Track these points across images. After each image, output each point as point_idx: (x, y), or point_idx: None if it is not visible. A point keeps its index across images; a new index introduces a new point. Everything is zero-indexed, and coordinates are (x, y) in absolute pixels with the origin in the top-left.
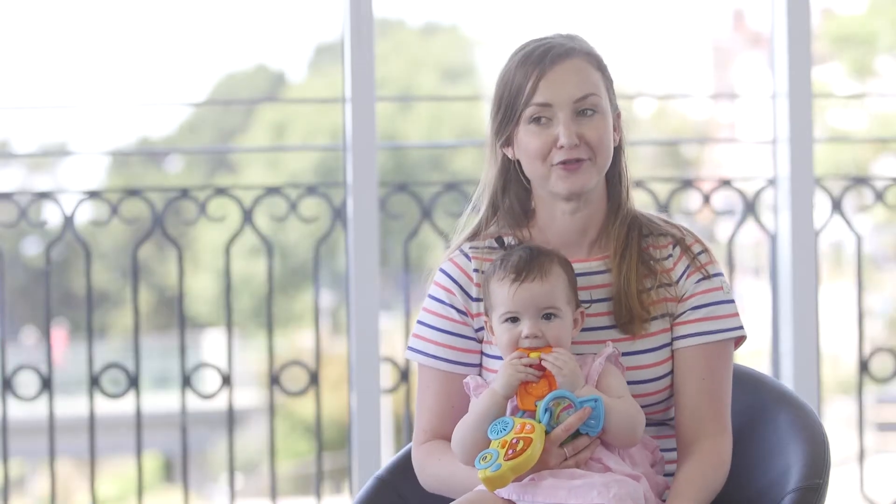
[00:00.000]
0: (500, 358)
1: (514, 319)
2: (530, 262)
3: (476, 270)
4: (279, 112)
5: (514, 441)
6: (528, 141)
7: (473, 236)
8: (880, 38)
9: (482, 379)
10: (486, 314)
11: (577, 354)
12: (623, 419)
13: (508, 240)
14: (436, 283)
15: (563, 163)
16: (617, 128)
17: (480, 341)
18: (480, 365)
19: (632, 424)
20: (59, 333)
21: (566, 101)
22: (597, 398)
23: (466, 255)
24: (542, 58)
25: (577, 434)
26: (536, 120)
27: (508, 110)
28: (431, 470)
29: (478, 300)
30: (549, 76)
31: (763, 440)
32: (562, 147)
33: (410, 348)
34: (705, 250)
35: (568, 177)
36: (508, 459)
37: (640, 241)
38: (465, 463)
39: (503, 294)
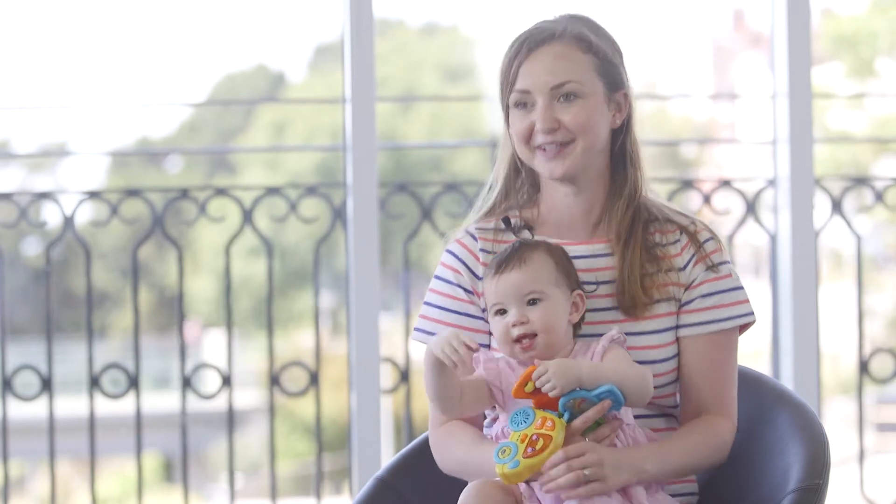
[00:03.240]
0: None
1: (503, 311)
2: (511, 254)
3: (483, 251)
4: (279, 112)
5: (534, 438)
6: (513, 124)
7: (487, 216)
8: (880, 38)
9: (492, 353)
10: (488, 314)
11: (582, 337)
12: (634, 385)
13: (515, 220)
14: (442, 264)
15: (545, 148)
16: (622, 108)
17: (487, 321)
18: (489, 346)
19: (643, 387)
20: (193, 328)
21: (542, 87)
22: (610, 388)
23: (473, 236)
24: (522, 45)
25: (597, 424)
26: (520, 105)
27: (501, 96)
28: (452, 453)
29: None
30: (527, 63)
31: (763, 440)
32: (539, 131)
33: (417, 329)
34: (713, 238)
35: (549, 161)
36: (528, 457)
37: (646, 227)
38: (441, 412)
39: (489, 288)
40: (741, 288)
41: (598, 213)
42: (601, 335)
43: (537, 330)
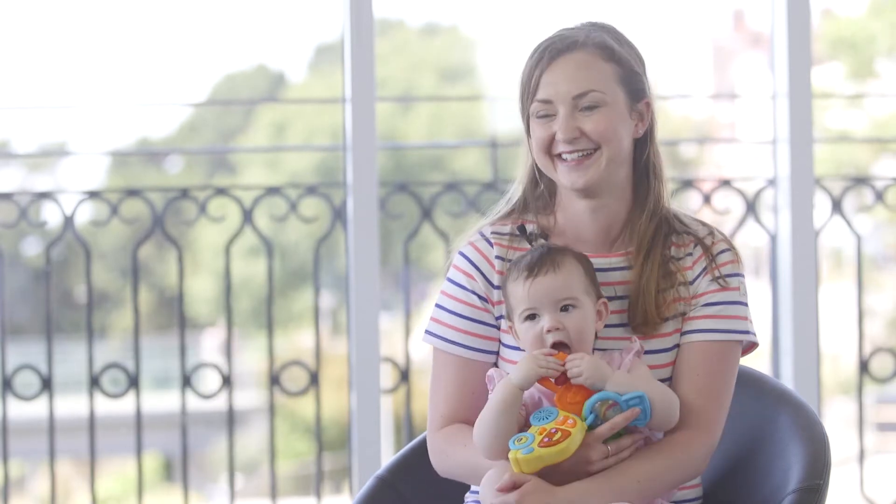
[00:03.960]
0: (517, 349)
1: (534, 316)
2: (542, 257)
3: (498, 257)
4: (279, 112)
5: (552, 431)
6: (534, 134)
7: (501, 219)
8: (880, 39)
9: (505, 372)
10: (509, 318)
11: (603, 350)
12: (661, 404)
13: (531, 227)
14: (456, 268)
15: (565, 158)
16: (644, 118)
17: (500, 329)
18: (497, 353)
19: (669, 408)
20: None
21: (564, 97)
22: (641, 395)
23: (488, 241)
24: (543, 54)
25: (620, 433)
26: (542, 114)
27: (521, 105)
28: (455, 457)
29: (499, 287)
30: (549, 72)
31: (763, 440)
32: (560, 141)
33: (428, 332)
34: (729, 249)
35: (572, 171)
36: (543, 446)
37: (666, 241)
38: (489, 457)
39: (520, 292)
40: (745, 305)
41: (618, 228)
42: (606, 350)
43: (572, 338)
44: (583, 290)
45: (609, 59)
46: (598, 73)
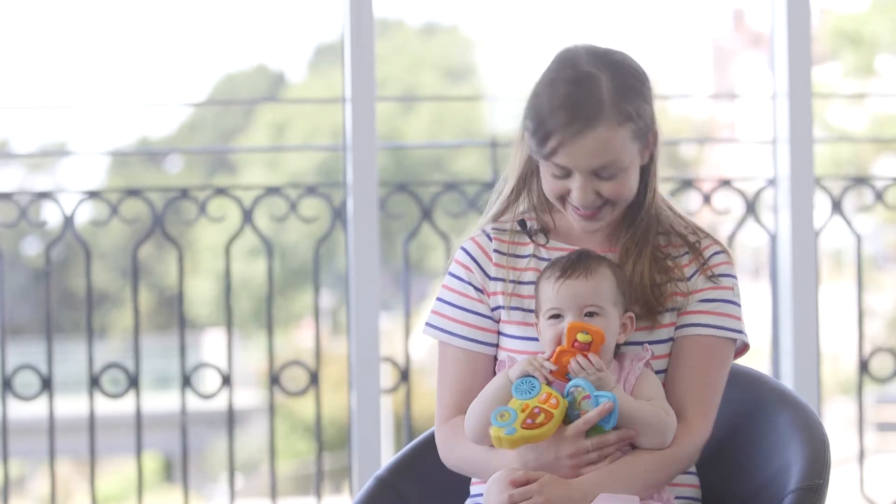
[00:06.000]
0: (516, 338)
1: (558, 316)
2: (577, 261)
3: (496, 251)
4: (279, 112)
5: (536, 410)
6: (545, 178)
7: (499, 216)
8: (881, 37)
9: (515, 359)
10: (536, 315)
11: (620, 351)
12: (650, 420)
13: (531, 224)
14: (456, 261)
15: (578, 209)
16: (650, 145)
17: (497, 320)
18: (497, 345)
19: (660, 427)
20: (304, 327)
21: (584, 168)
22: (613, 397)
23: (488, 236)
24: (569, 121)
25: (602, 430)
26: (556, 172)
27: (532, 141)
28: (459, 450)
29: (496, 279)
30: (570, 145)
31: (763, 440)
32: (576, 204)
33: (429, 324)
34: (722, 251)
35: (584, 220)
36: (526, 428)
37: (657, 239)
38: (474, 440)
39: (548, 291)
40: (738, 305)
41: (610, 228)
42: (619, 352)
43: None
44: (611, 301)
45: (626, 120)
46: (617, 141)
